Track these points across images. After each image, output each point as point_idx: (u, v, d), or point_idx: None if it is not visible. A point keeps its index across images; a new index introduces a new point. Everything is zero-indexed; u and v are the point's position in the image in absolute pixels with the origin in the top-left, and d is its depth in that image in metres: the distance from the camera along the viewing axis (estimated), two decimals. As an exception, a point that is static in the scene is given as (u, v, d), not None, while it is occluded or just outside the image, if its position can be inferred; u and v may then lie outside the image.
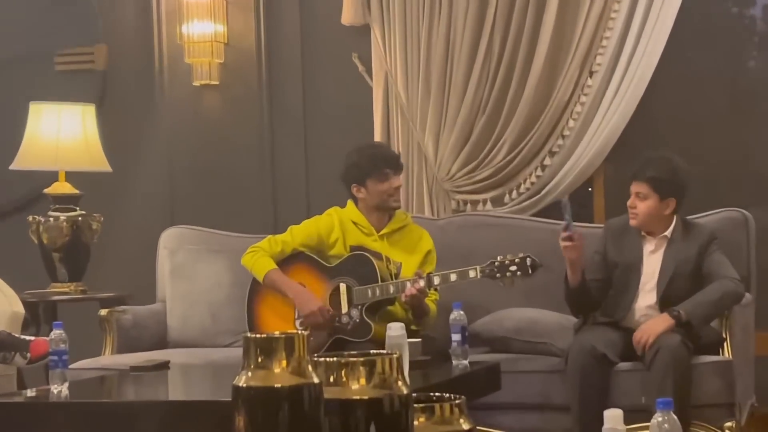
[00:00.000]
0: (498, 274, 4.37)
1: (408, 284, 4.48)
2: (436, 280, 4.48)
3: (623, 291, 4.54)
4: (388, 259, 4.68)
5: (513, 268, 4.37)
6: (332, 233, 4.77)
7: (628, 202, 4.49)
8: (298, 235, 4.81)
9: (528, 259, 4.37)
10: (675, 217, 4.53)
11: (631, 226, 4.55)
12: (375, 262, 4.63)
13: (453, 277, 4.47)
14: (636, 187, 4.47)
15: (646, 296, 4.51)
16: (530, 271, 4.36)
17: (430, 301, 4.61)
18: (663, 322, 4.28)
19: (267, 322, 4.81)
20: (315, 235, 4.79)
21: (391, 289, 4.53)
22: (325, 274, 4.73)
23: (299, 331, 2.16)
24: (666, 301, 4.44)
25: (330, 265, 4.73)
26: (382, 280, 4.59)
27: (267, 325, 4.79)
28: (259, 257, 4.76)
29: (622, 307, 4.52)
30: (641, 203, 4.47)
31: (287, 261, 4.79)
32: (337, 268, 4.70)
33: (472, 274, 4.42)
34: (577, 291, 4.49)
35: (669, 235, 4.52)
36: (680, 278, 4.44)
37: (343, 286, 4.65)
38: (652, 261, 4.53)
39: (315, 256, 4.77)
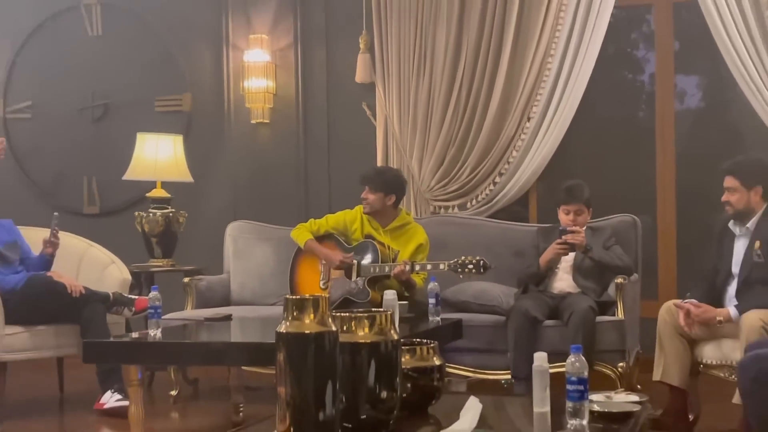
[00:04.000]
0: (459, 269, 4.30)
1: (398, 267, 4.47)
2: (417, 267, 4.46)
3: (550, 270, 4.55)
4: (389, 247, 4.67)
5: (470, 266, 4.26)
6: (354, 224, 4.76)
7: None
8: (331, 221, 4.83)
9: (482, 261, 4.26)
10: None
11: (555, 228, 4.54)
12: (379, 248, 4.63)
13: (429, 266, 4.43)
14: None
15: (564, 271, 4.52)
16: (482, 271, 4.26)
17: (420, 278, 4.58)
18: (581, 241, 4.33)
19: (305, 276, 4.81)
20: (342, 223, 4.80)
21: (387, 268, 4.51)
22: (344, 252, 4.73)
23: (323, 294, 2.17)
24: (578, 275, 4.46)
25: (349, 246, 4.74)
26: (383, 262, 4.58)
27: (304, 278, 4.80)
28: (302, 231, 4.81)
29: (546, 282, 4.53)
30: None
31: (320, 239, 4.80)
32: (353, 249, 4.71)
33: (441, 266, 4.35)
34: (542, 274, 4.49)
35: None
36: (588, 261, 4.45)
37: (355, 262, 4.66)
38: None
39: (340, 238, 4.78)
